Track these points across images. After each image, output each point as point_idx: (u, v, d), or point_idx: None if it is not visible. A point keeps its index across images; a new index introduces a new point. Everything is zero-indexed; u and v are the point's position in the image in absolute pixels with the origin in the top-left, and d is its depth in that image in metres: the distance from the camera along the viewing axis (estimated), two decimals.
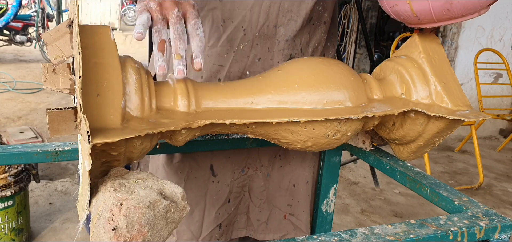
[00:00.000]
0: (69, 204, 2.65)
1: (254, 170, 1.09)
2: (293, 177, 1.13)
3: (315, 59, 0.83)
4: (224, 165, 1.06)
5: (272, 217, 1.14)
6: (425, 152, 0.91)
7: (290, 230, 1.16)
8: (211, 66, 0.99)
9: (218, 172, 1.06)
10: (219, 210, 1.08)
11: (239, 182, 1.09)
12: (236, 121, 0.72)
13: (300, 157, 1.12)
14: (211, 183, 1.06)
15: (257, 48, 0.98)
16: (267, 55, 0.99)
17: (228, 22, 0.96)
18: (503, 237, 0.72)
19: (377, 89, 0.83)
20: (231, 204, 1.10)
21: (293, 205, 1.15)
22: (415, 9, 0.79)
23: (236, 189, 1.09)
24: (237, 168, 1.08)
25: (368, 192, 3.24)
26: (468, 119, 0.77)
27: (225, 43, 0.97)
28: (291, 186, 1.13)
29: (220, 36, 0.97)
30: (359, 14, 3.47)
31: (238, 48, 0.97)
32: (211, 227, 1.08)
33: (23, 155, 0.86)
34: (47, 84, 0.63)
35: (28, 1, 10.67)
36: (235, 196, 1.10)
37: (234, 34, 0.97)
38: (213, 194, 1.07)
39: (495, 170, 3.88)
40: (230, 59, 0.98)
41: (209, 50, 0.98)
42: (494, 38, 4.55)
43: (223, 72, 0.99)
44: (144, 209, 0.53)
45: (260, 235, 1.15)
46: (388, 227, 0.66)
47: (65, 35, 0.62)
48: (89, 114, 0.58)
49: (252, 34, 0.97)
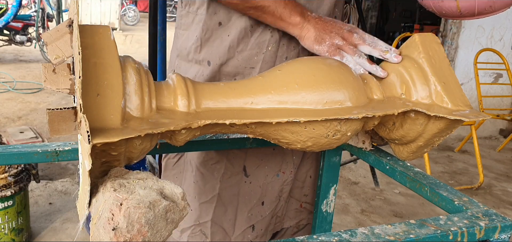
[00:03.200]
0: (69, 204, 2.65)
1: (289, 174, 1.14)
2: (309, 169, 1.18)
3: (315, 59, 0.83)
4: (257, 166, 1.10)
5: (289, 206, 1.20)
6: (425, 152, 0.91)
7: (305, 216, 1.23)
8: (243, 69, 1.04)
9: (250, 173, 1.10)
10: (251, 211, 1.12)
11: (273, 187, 1.13)
12: (236, 121, 0.72)
13: (315, 152, 1.15)
14: (243, 183, 1.10)
15: (283, 48, 1.03)
16: (293, 53, 1.04)
17: (255, 26, 1.01)
18: (503, 237, 0.72)
19: (377, 89, 0.83)
20: (265, 207, 1.13)
21: (308, 195, 1.21)
22: (461, 6, 0.82)
23: (271, 193, 1.13)
24: (270, 172, 1.11)
25: (368, 192, 3.24)
26: (468, 119, 0.77)
27: (254, 46, 1.02)
28: (307, 178, 1.19)
29: (249, 41, 1.02)
30: (359, 14, 3.47)
31: (267, 50, 1.02)
32: (244, 226, 1.12)
33: (23, 155, 0.86)
34: (47, 84, 0.63)
35: (28, 1, 10.67)
36: (271, 200, 1.14)
37: (262, 37, 1.01)
38: (245, 194, 1.11)
39: (495, 170, 3.88)
40: (260, 61, 1.03)
41: (238, 55, 1.03)
42: (494, 38, 4.55)
43: (254, 74, 1.04)
44: (144, 209, 0.53)
45: (278, 225, 1.20)
46: (388, 227, 0.66)
47: (65, 35, 0.62)
48: (89, 114, 0.58)
49: (278, 35, 1.02)
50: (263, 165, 1.10)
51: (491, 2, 0.79)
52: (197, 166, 1.11)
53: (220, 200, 1.10)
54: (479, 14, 0.83)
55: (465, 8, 0.83)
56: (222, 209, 1.11)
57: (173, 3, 14.14)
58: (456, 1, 0.83)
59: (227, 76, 1.05)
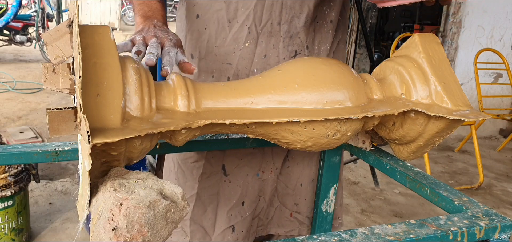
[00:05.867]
0: (69, 204, 2.65)
1: (269, 174, 1.12)
2: (300, 176, 1.15)
3: (315, 59, 0.83)
4: (237, 165, 1.08)
5: (277, 213, 1.17)
6: (425, 152, 0.91)
7: (295, 226, 1.19)
8: (220, 65, 1.02)
9: (229, 172, 1.08)
10: (231, 211, 1.10)
11: (253, 186, 1.11)
12: (236, 121, 0.72)
13: (307, 157, 1.14)
14: (223, 182, 1.09)
15: (262, 45, 1.01)
16: (273, 51, 1.02)
17: (233, 22, 0.99)
18: (503, 237, 0.72)
19: (377, 89, 0.83)
20: (245, 208, 1.12)
21: (299, 204, 1.17)
22: None
23: (251, 193, 1.11)
24: (250, 171, 1.10)
25: (368, 192, 3.24)
26: (468, 119, 0.77)
27: (231, 42, 1.01)
28: (298, 185, 1.16)
29: (226, 36, 1.01)
30: (359, 14, 3.47)
31: (244, 46, 1.00)
32: (224, 227, 1.10)
33: (23, 155, 0.86)
34: (47, 84, 0.63)
35: (28, 1, 10.67)
36: (252, 200, 1.12)
37: (239, 32, 1.00)
38: (225, 193, 1.09)
39: (495, 170, 3.88)
40: (237, 57, 1.01)
41: (216, 50, 1.02)
42: (494, 38, 4.55)
43: (231, 70, 1.02)
44: (144, 209, 0.53)
45: (265, 229, 1.18)
46: (388, 227, 0.66)
47: (65, 35, 0.62)
48: (89, 114, 0.58)
49: (256, 32, 1.00)
50: (243, 165, 1.09)
51: None
52: (179, 163, 1.12)
53: (199, 199, 1.09)
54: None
55: None
56: (201, 208, 1.10)
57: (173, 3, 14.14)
58: None
59: (205, 72, 1.04)
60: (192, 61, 1.06)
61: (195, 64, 1.02)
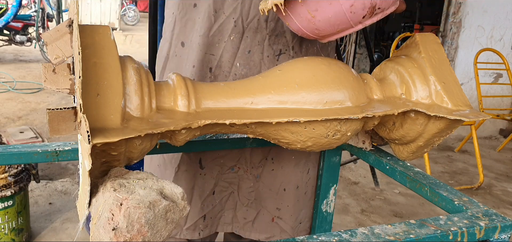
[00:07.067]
0: (69, 204, 2.65)
1: (245, 171, 1.10)
2: (284, 181, 1.13)
3: (315, 59, 0.83)
4: (213, 159, 1.08)
5: (259, 218, 1.15)
6: (425, 152, 0.91)
7: (277, 233, 1.16)
8: (203, 55, 1.01)
9: (205, 165, 1.08)
10: (204, 202, 1.10)
11: (226, 178, 1.10)
12: (236, 121, 0.72)
13: (293, 162, 1.12)
14: (198, 175, 1.08)
15: (247, 40, 1.01)
16: (257, 48, 1.01)
17: (219, 13, 0.99)
18: (503, 237, 0.72)
19: (377, 89, 0.83)
20: (216, 197, 1.11)
21: (282, 209, 1.15)
22: (292, 27, 0.82)
23: (223, 183, 1.10)
24: (226, 166, 1.09)
25: (368, 192, 3.24)
26: (468, 119, 0.77)
27: (216, 33, 1.00)
28: (281, 189, 1.14)
29: (211, 26, 1.00)
30: None
31: (229, 39, 1.00)
32: (196, 217, 1.10)
33: (23, 155, 0.86)
34: (47, 84, 0.63)
35: (28, 1, 10.66)
36: (221, 190, 1.11)
37: (225, 25, 0.99)
38: (200, 186, 1.09)
39: (495, 170, 3.88)
40: (221, 49, 1.01)
41: (200, 39, 1.00)
42: (494, 38, 4.55)
43: (214, 62, 1.01)
44: (144, 209, 0.53)
45: (246, 232, 1.16)
46: (388, 227, 0.66)
47: (65, 35, 0.62)
48: (89, 114, 0.58)
49: (242, 27, 0.99)
50: (219, 159, 1.08)
51: (313, 26, 0.78)
52: (158, 155, 1.11)
53: None
54: (322, 38, 0.83)
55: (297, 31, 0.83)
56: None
57: None
58: (288, 24, 0.82)
59: (187, 60, 1.03)
60: (171, 49, 1.04)
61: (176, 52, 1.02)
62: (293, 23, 0.80)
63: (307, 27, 0.79)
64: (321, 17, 0.75)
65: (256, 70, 1.02)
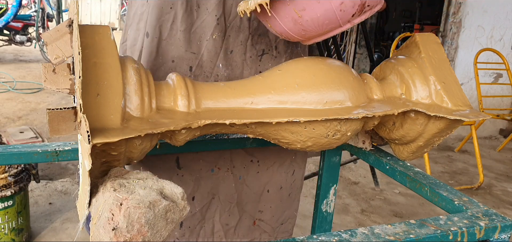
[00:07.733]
0: (69, 204, 2.65)
1: (225, 172, 1.08)
2: (268, 182, 1.12)
3: (315, 59, 0.83)
4: (191, 158, 1.04)
5: (241, 223, 1.13)
6: (425, 152, 0.91)
7: (257, 236, 1.15)
8: (183, 52, 0.97)
9: (183, 165, 1.04)
10: None
11: (206, 182, 1.07)
12: (236, 121, 0.72)
13: (278, 163, 1.11)
14: (175, 175, 1.04)
15: (229, 39, 0.98)
16: (240, 48, 1.00)
17: (202, 8, 0.95)
18: (503, 237, 0.72)
19: (377, 89, 0.83)
20: (196, 203, 1.07)
21: (264, 211, 1.14)
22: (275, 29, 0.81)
23: (203, 189, 1.07)
24: (205, 166, 1.05)
25: (368, 192, 3.24)
26: (468, 119, 0.77)
27: (198, 30, 0.97)
28: (265, 191, 1.12)
29: (193, 22, 0.96)
30: None
31: (211, 38, 0.97)
32: None
33: (23, 155, 0.86)
34: (47, 84, 0.63)
35: (28, 1, 10.66)
36: (202, 197, 1.07)
37: (207, 22, 0.96)
38: None
39: (495, 170, 3.88)
40: (202, 48, 0.98)
41: (181, 34, 0.96)
42: (494, 38, 4.55)
43: (195, 60, 0.98)
44: (144, 209, 0.53)
45: (228, 238, 1.14)
46: (388, 227, 0.66)
47: (65, 35, 0.62)
48: (89, 114, 0.58)
49: (225, 25, 0.97)
50: (198, 158, 1.04)
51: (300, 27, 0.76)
52: None
53: None
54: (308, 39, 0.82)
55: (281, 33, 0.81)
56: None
57: None
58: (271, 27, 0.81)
59: (164, 56, 0.97)
60: (147, 40, 0.97)
61: (152, 45, 0.95)
62: (278, 24, 0.78)
63: (292, 28, 0.77)
64: (309, 17, 0.74)
65: (239, 71, 1.00)
